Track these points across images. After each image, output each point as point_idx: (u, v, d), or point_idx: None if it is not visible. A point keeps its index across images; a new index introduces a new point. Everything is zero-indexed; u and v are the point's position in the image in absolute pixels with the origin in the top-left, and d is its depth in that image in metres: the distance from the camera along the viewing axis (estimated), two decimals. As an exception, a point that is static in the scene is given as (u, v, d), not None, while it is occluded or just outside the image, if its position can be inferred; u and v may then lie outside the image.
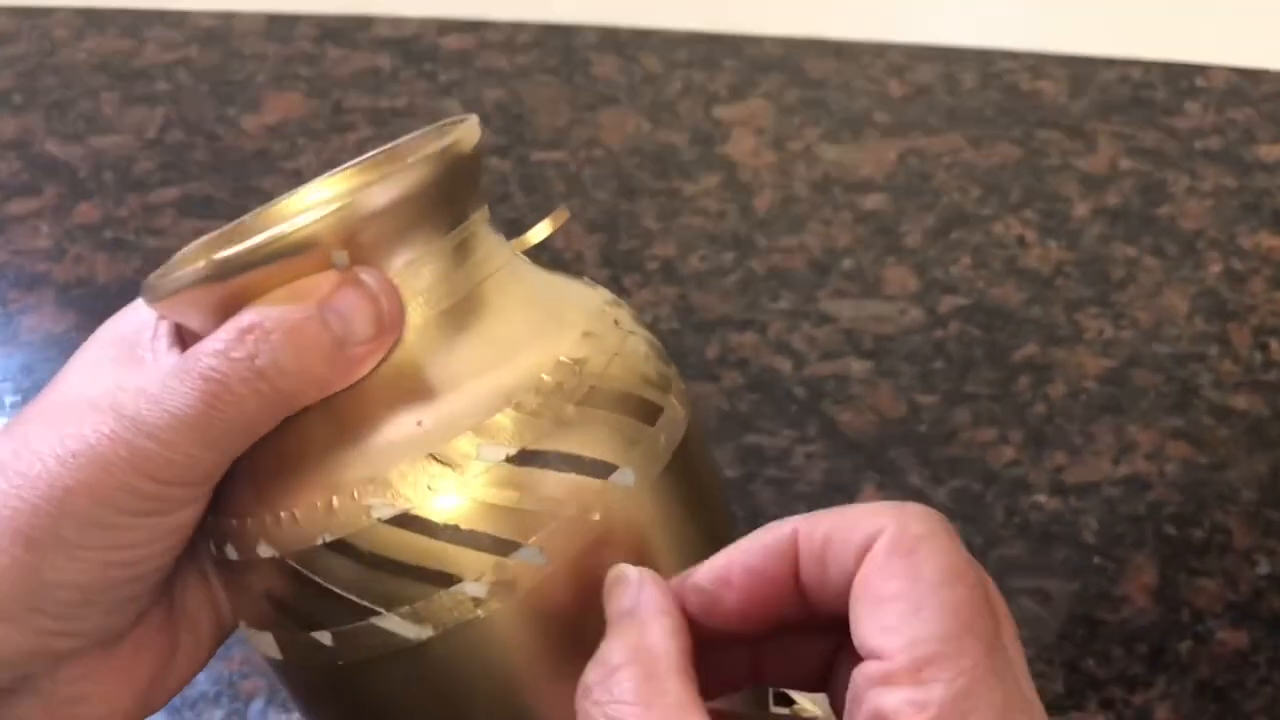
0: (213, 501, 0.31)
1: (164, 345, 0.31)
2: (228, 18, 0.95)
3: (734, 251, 0.72)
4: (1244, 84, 0.84)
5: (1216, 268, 0.70)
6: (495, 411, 0.29)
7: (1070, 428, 0.61)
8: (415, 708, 0.30)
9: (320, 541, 0.29)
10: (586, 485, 0.29)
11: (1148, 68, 0.85)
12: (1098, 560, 0.55)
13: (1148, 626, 0.53)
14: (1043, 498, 0.58)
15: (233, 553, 0.30)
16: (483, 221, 0.32)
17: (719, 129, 0.82)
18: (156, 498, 0.29)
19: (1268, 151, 0.78)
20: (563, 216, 0.34)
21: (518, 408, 0.29)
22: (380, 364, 0.30)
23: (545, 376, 0.30)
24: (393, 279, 0.30)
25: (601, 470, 0.30)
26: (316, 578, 0.29)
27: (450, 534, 0.28)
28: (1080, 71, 0.85)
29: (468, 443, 0.29)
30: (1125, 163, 0.77)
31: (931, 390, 0.63)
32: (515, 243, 0.34)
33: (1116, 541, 0.56)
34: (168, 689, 0.33)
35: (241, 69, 0.90)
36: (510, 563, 0.29)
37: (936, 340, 0.66)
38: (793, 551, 0.27)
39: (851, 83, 0.85)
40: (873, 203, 0.75)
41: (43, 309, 0.71)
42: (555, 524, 0.29)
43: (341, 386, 0.29)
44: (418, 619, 0.29)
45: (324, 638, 0.29)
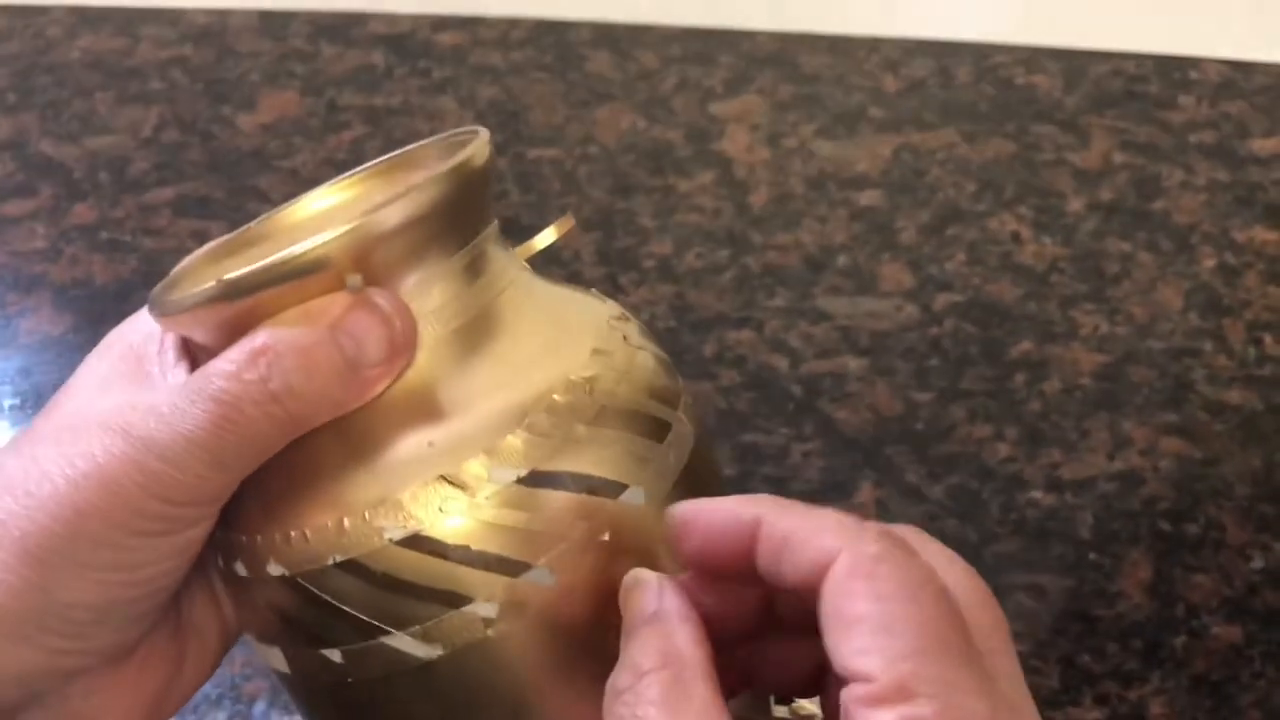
0: (222, 516, 0.31)
1: (171, 359, 0.31)
2: (222, 15, 0.95)
3: (729, 248, 0.72)
4: (1237, 77, 0.84)
5: (1210, 262, 0.70)
6: (507, 433, 0.29)
7: (1065, 424, 0.61)
8: None
9: (331, 561, 0.29)
10: (597, 505, 0.29)
11: (1141, 61, 0.86)
12: (1093, 556, 0.56)
13: (1143, 622, 0.53)
14: (1038, 494, 0.58)
15: (241, 569, 0.30)
16: (492, 237, 0.32)
17: (714, 125, 0.82)
18: (166, 518, 0.29)
19: (1261, 145, 0.78)
20: (568, 224, 0.34)
21: (529, 429, 0.29)
22: (391, 384, 0.30)
23: (556, 396, 0.30)
24: (404, 298, 0.30)
25: (612, 490, 0.30)
26: (327, 597, 0.29)
27: (461, 555, 0.28)
28: (1074, 65, 0.86)
29: (479, 465, 0.29)
30: (1119, 157, 0.78)
31: (927, 387, 0.64)
32: (519, 250, 0.33)
33: (1111, 537, 0.56)
34: (175, 700, 0.33)
35: (236, 67, 0.90)
36: (521, 583, 0.29)
37: (932, 337, 0.66)
38: (752, 537, 0.27)
39: (846, 78, 0.86)
40: (867, 199, 0.75)
41: (40, 311, 0.71)
42: (565, 545, 0.29)
43: (353, 407, 0.30)
44: (428, 639, 0.29)
45: (334, 655, 0.30)
